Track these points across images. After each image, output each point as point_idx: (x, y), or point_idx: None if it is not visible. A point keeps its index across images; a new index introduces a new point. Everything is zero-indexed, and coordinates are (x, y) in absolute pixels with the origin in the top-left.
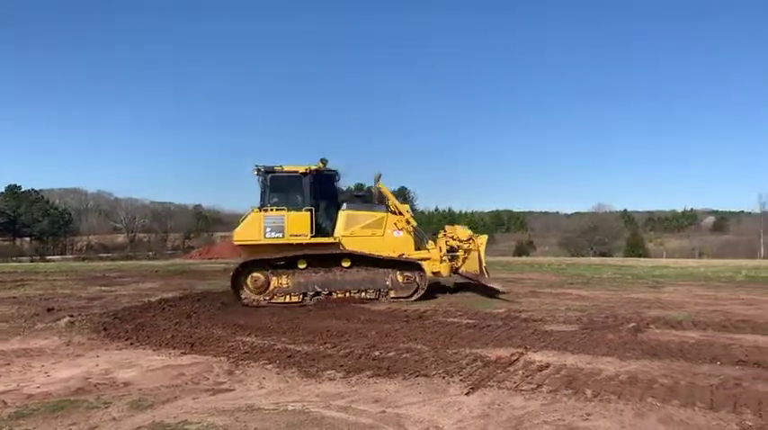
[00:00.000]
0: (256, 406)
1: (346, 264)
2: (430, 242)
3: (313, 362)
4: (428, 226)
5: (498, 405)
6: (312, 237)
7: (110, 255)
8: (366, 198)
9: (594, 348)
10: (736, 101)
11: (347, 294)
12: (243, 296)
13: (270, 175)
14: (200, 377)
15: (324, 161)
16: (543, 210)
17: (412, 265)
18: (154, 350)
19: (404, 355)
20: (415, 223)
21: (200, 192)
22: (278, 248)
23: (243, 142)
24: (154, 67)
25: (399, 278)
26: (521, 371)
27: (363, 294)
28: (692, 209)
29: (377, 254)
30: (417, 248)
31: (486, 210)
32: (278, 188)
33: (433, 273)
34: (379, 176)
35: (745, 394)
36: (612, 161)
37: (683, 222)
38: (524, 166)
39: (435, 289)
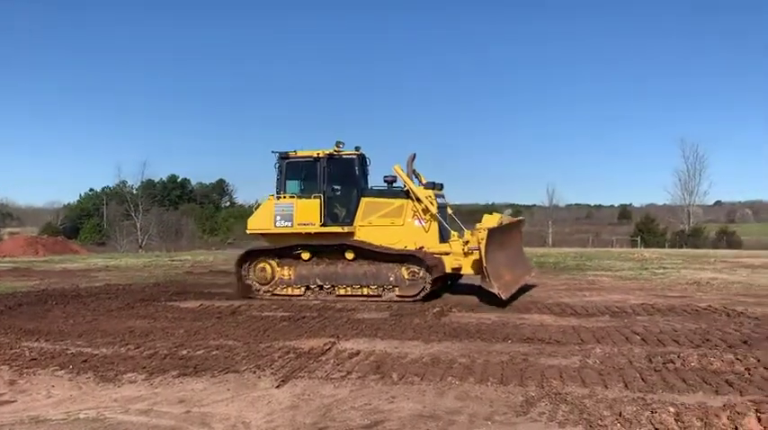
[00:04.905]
0: (42, 417)
1: (350, 256)
2: (454, 234)
3: (112, 365)
4: None
5: (308, 395)
6: (322, 225)
7: None
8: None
9: (402, 333)
10: (529, 103)
11: (348, 289)
12: (250, 285)
13: (285, 161)
14: None
15: (339, 144)
16: None
17: (417, 260)
18: None
19: (214, 353)
20: (435, 211)
21: None
22: (288, 238)
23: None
24: None
25: (404, 274)
26: (332, 360)
27: (366, 290)
28: (492, 203)
29: (387, 245)
30: (444, 240)
31: None
32: (294, 174)
33: (454, 269)
34: (413, 157)
35: (531, 368)
36: (422, 158)
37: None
38: None
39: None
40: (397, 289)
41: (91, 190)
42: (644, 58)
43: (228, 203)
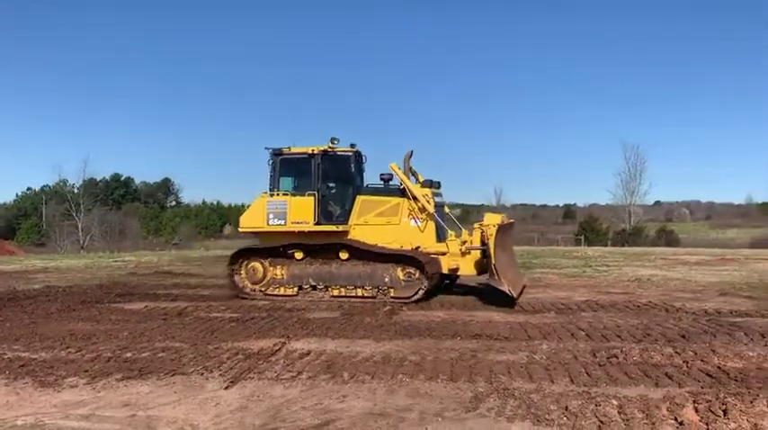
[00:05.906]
0: None
1: (344, 256)
2: (451, 233)
3: (51, 369)
4: (195, 220)
5: (258, 396)
6: (316, 224)
7: None
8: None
9: (353, 332)
10: (476, 104)
11: (342, 290)
12: (240, 285)
13: (279, 158)
14: None
15: (334, 140)
16: None
17: (413, 260)
18: None
19: (160, 355)
20: (432, 210)
21: None
22: (280, 236)
23: None
24: None
25: (400, 275)
26: (282, 361)
27: (360, 291)
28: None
29: (382, 245)
30: (441, 240)
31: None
32: (288, 171)
33: (451, 270)
34: (410, 155)
35: (479, 364)
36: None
37: None
38: None
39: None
40: (392, 290)
41: (29, 189)
42: (586, 61)
43: (174, 203)
